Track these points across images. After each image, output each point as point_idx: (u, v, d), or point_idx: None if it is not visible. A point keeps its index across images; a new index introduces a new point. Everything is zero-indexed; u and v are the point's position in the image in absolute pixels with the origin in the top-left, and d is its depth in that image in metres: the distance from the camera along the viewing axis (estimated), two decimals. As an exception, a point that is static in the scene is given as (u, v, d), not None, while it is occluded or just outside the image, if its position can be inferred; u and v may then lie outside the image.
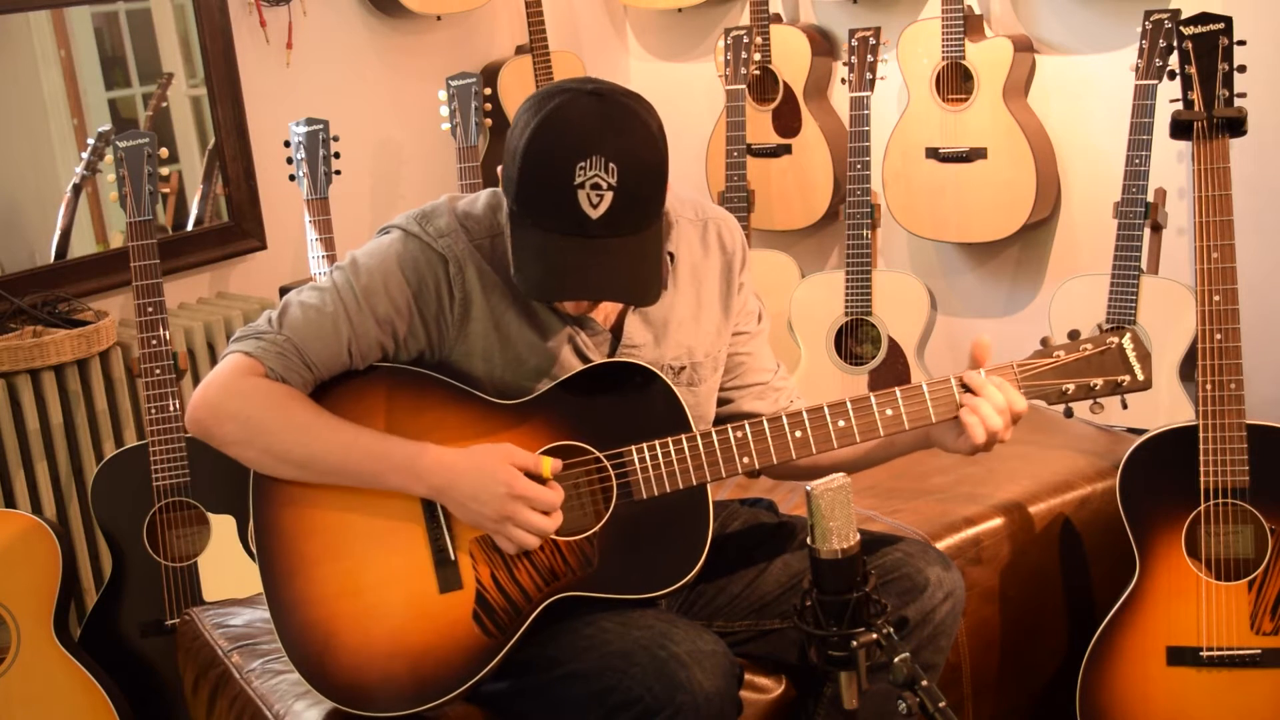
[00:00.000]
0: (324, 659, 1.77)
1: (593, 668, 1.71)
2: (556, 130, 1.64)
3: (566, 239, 1.65)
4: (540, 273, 1.67)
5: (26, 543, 2.65)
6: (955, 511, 2.28)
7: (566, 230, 1.65)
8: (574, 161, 1.62)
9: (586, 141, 1.62)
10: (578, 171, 1.61)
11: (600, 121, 1.63)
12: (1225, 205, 2.21)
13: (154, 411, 2.77)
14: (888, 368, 3.53)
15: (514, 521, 1.71)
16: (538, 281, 1.68)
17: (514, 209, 1.70)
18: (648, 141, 1.66)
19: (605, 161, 1.62)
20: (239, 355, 1.77)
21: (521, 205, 1.68)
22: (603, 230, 1.64)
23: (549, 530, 1.73)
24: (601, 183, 1.62)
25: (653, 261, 1.70)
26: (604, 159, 1.62)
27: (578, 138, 1.62)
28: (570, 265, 1.66)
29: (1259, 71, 2.60)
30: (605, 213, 1.63)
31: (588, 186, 1.62)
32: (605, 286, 1.68)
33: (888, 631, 1.48)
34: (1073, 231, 3.60)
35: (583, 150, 1.62)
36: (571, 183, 1.62)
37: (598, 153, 1.62)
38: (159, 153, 2.89)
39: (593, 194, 1.62)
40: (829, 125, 3.84)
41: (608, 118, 1.64)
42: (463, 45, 4.10)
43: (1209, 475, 2.20)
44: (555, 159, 1.63)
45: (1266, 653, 2.20)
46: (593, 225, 1.63)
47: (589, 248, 1.65)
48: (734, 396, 2.00)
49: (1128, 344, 1.86)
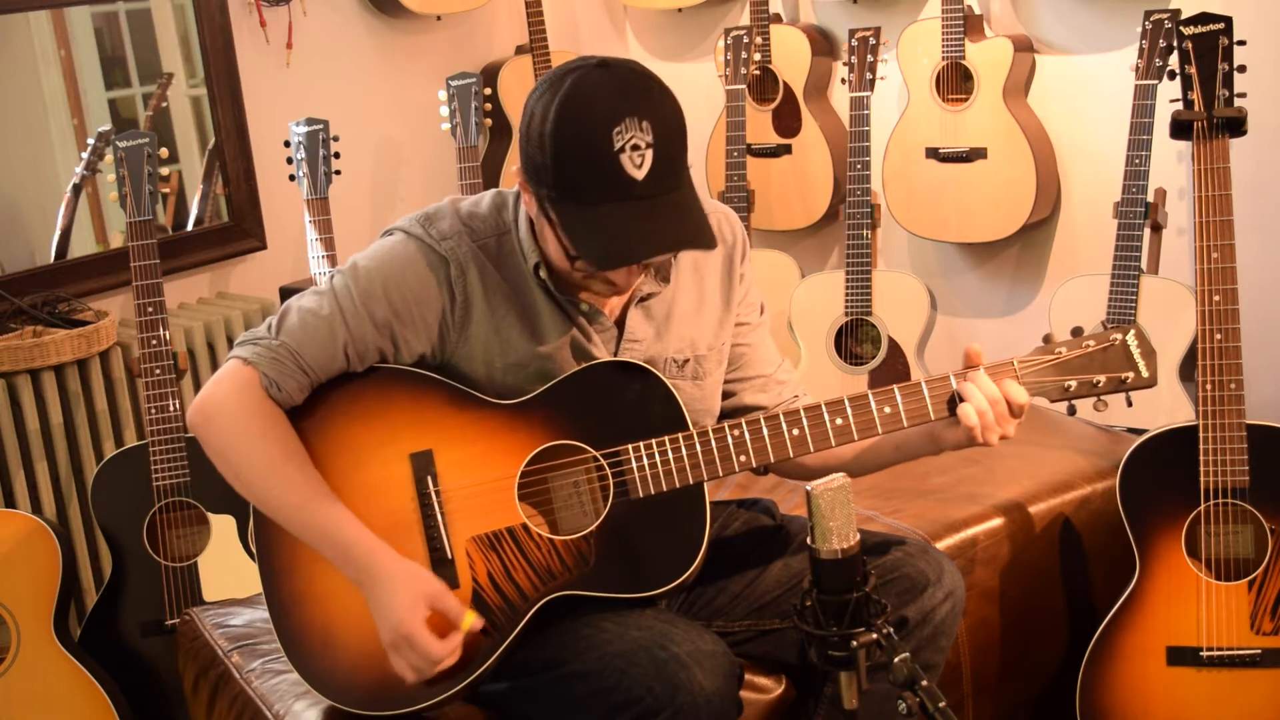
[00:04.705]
0: (323, 659, 1.77)
1: (593, 668, 1.71)
2: (583, 104, 1.64)
3: (618, 205, 1.65)
4: (604, 244, 1.67)
5: (26, 543, 2.65)
6: (955, 511, 2.28)
7: (617, 198, 1.65)
8: (610, 128, 1.63)
9: (616, 107, 1.63)
10: (615, 137, 1.63)
11: (620, 86, 1.65)
12: (1225, 205, 2.21)
13: (154, 411, 2.77)
14: (888, 368, 3.53)
15: (397, 652, 1.72)
16: (604, 253, 1.68)
17: (553, 195, 1.69)
18: (666, 96, 1.68)
19: (639, 121, 1.63)
20: (236, 362, 1.79)
21: (562, 187, 1.68)
22: (650, 189, 1.65)
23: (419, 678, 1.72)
24: (640, 142, 1.63)
25: (698, 208, 1.72)
26: (637, 119, 1.63)
27: (607, 105, 1.64)
28: (631, 230, 1.66)
29: (1259, 71, 2.60)
30: (649, 171, 1.64)
31: (628, 149, 1.63)
32: (671, 240, 1.69)
33: (888, 631, 1.48)
34: (1073, 231, 3.60)
35: (615, 116, 1.63)
36: (612, 150, 1.63)
37: (630, 115, 1.63)
38: (159, 153, 2.89)
39: (634, 155, 1.63)
40: (829, 125, 3.84)
41: (625, 82, 1.66)
42: (463, 45, 4.10)
43: (1209, 475, 2.20)
44: (591, 131, 1.63)
45: (1266, 653, 2.20)
46: (640, 186, 1.65)
47: (641, 209, 1.66)
48: (736, 389, 2.00)
49: (1131, 340, 1.84)
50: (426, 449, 1.80)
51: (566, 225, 1.69)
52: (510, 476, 1.80)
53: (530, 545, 1.79)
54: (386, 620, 1.71)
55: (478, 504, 1.79)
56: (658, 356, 1.89)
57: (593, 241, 1.68)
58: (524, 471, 1.80)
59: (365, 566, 1.73)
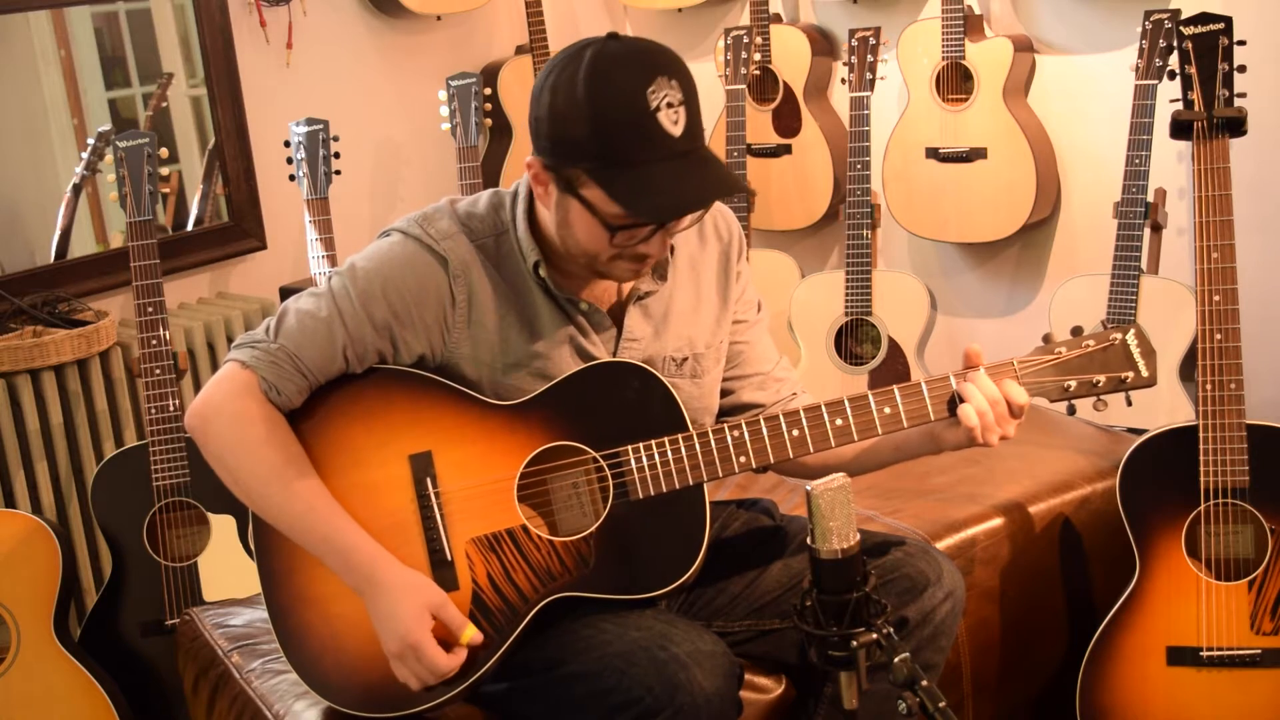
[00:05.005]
0: (323, 660, 1.77)
1: (592, 668, 1.71)
2: (614, 69, 1.66)
3: (663, 164, 1.67)
4: (659, 199, 1.68)
5: (26, 543, 2.65)
6: (955, 511, 2.28)
7: (662, 156, 1.66)
8: (644, 89, 1.64)
9: (645, 69, 1.65)
10: (650, 97, 1.64)
11: (640, 51, 1.68)
12: (1225, 205, 2.21)
13: (154, 411, 2.77)
14: (888, 368, 3.53)
15: (402, 661, 1.72)
16: (657, 207, 1.69)
17: (593, 165, 1.68)
18: (679, 58, 1.71)
19: (669, 79, 1.66)
20: (235, 365, 1.78)
21: (606, 155, 1.67)
22: (687, 145, 1.68)
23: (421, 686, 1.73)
24: (673, 99, 1.66)
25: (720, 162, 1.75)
26: (666, 78, 1.66)
27: (636, 68, 1.65)
28: (681, 183, 1.68)
29: (1259, 71, 2.60)
30: (684, 128, 1.67)
31: (664, 107, 1.65)
32: (716, 189, 1.71)
33: (888, 631, 1.48)
34: (1073, 231, 3.60)
35: (647, 77, 1.65)
36: (650, 109, 1.64)
37: (660, 74, 1.65)
38: (159, 153, 2.89)
39: (669, 113, 1.66)
40: (829, 125, 3.84)
41: (642, 48, 1.69)
42: (463, 45, 4.10)
43: (1209, 475, 2.20)
44: (629, 93, 1.64)
45: (1266, 653, 2.20)
46: (678, 143, 1.67)
47: (684, 164, 1.68)
48: (734, 387, 2.00)
49: (1131, 340, 1.84)
50: (426, 450, 1.80)
51: (615, 191, 1.68)
52: (510, 478, 1.80)
53: (530, 546, 1.79)
54: (392, 630, 1.71)
55: (477, 505, 1.79)
56: (656, 355, 1.89)
57: (647, 198, 1.68)
58: (523, 473, 1.80)
59: (368, 575, 1.73)
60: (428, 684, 1.73)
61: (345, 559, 1.73)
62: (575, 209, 1.73)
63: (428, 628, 1.71)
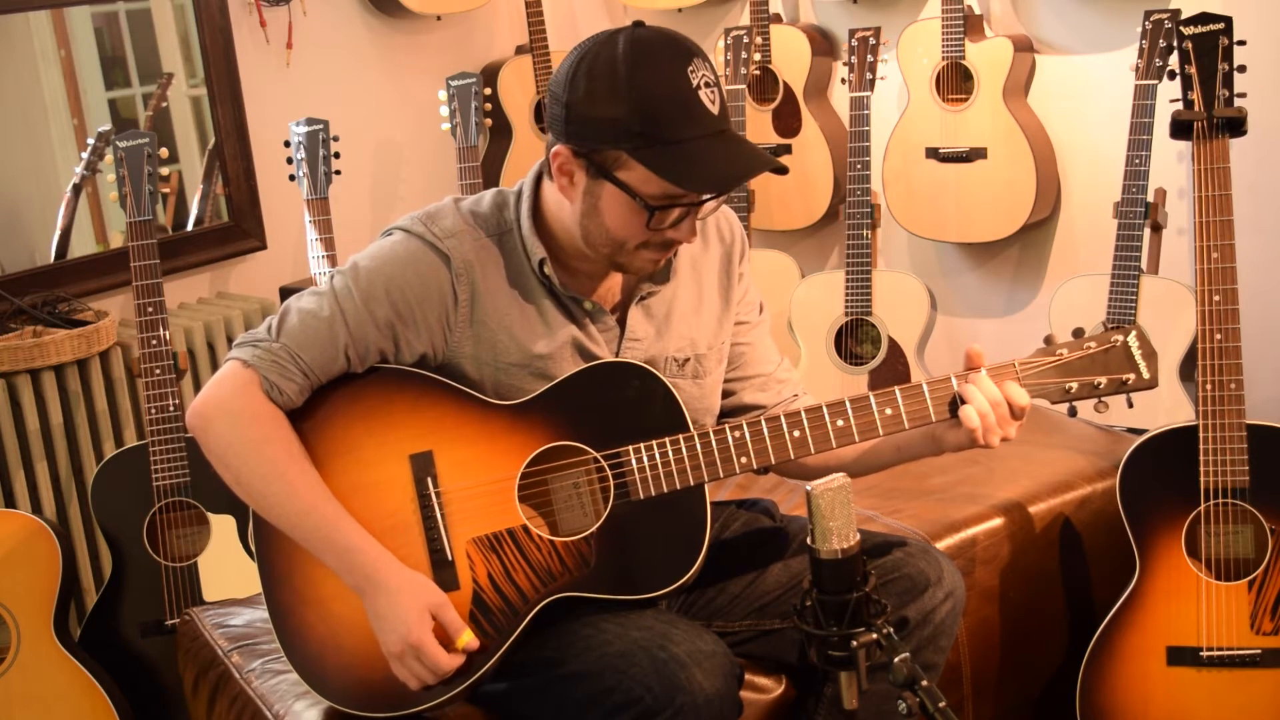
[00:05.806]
0: (323, 660, 1.77)
1: (592, 668, 1.71)
2: (654, 50, 1.67)
3: (705, 141, 1.68)
4: (705, 172, 1.69)
5: (26, 543, 2.65)
6: (955, 511, 2.28)
7: (703, 133, 1.68)
8: (684, 69, 1.66)
9: (682, 51, 1.67)
10: (691, 76, 1.66)
11: (671, 35, 1.70)
12: (1225, 205, 2.21)
13: (154, 411, 2.77)
14: (888, 368, 3.53)
15: (403, 662, 1.72)
16: (708, 178, 1.70)
17: (634, 145, 1.67)
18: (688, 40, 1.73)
19: (701, 60, 1.68)
20: (236, 364, 1.78)
21: (650, 133, 1.67)
22: (723, 123, 1.70)
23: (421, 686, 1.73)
24: (709, 79, 1.68)
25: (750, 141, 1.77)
26: (701, 59, 1.68)
27: (674, 50, 1.67)
28: (726, 158, 1.69)
29: (1259, 71, 2.60)
30: (719, 108, 1.69)
31: (704, 86, 1.67)
32: (757, 164, 1.72)
33: (888, 631, 1.48)
34: (1073, 231, 3.60)
35: (686, 57, 1.67)
36: (692, 87, 1.66)
37: (696, 56, 1.68)
38: (159, 153, 2.89)
39: (708, 92, 1.68)
40: (829, 125, 3.84)
41: (670, 33, 1.71)
42: (463, 45, 4.10)
43: (1209, 475, 2.20)
44: (672, 72, 1.66)
45: (1266, 653, 2.20)
46: (717, 121, 1.69)
47: (724, 140, 1.69)
48: (736, 388, 2.00)
49: (1133, 341, 1.84)
50: (427, 450, 1.80)
51: (661, 166, 1.68)
52: (510, 477, 1.80)
53: (530, 546, 1.79)
54: (393, 630, 1.71)
55: (478, 505, 1.79)
56: (658, 355, 1.89)
57: (693, 173, 1.68)
58: (524, 473, 1.80)
59: (369, 575, 1.72)
60: (428, 684, 1.73)
61: (346, 559, 1.73)
62: (608, 194, 1.72)
63: (428, 628, 1.71)
